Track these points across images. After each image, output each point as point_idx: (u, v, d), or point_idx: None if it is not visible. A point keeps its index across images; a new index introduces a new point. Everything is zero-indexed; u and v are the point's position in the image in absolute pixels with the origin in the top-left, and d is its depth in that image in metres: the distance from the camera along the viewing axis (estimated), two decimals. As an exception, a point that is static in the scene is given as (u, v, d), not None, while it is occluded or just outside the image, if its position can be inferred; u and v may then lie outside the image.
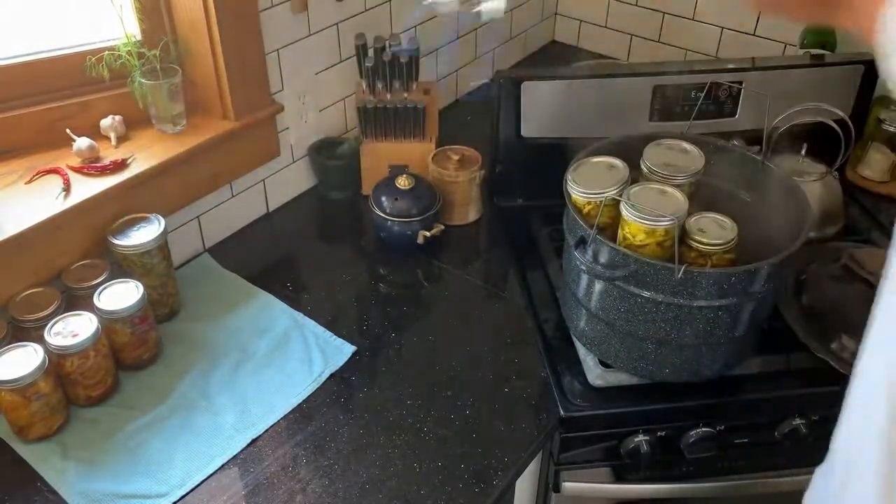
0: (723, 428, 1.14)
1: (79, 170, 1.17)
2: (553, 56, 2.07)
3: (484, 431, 1.08)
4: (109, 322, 1.10)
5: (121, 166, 1.19)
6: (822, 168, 1.28)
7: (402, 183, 1.38)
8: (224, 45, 1.24)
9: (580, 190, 1.08)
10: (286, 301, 1.28)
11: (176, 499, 0.99)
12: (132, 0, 1.21)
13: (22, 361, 1.01)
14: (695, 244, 1.02)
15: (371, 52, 1.40)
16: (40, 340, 1.04)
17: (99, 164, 1.18)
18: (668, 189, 1.06)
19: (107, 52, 1.18)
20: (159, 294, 1.21)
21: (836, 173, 1.33)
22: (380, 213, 1.37)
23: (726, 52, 1.83)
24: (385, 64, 1.40)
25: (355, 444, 1.06)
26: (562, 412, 1.10)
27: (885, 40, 0.57)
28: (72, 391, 1.08)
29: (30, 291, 1.11)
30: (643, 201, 1.02)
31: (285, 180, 1.50)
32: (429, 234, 1.38)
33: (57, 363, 1.04)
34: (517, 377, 1.16)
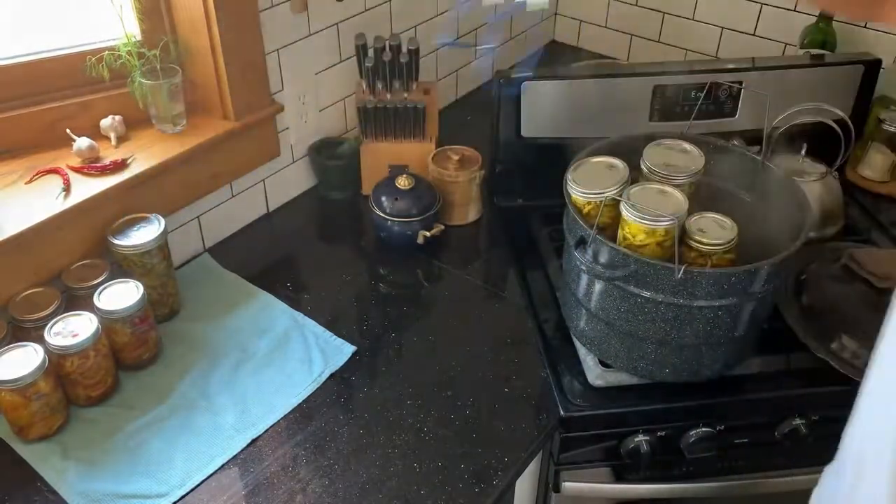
0: (723, 428, 1.14)
1: (79, 170, 1.17)
2: (553, 56, 2.07)
3: (484, 431, 1.08)
4: (109, 322, 1.10)
5: (121, 166, 1.19)
6: (822, 168, 1.28)
7: (402, 183, 1.38)
8: (224, 45, 1.24)
9: (580, 190, 1.08)
10: (286, 301, 1.28)
11: (176, 499, 0.99)
12: (132, 0, 1.21)
13: (22, 361, 1.01)
14: (695, 244, 1.02)
15: (371, 52, 1.40)
16: (40, 340, 1.04)
17: (99, 164, 1.18)
18: (668, 189, 1.06)
19: (107, 52, 1.18)
20: (159, 294, 1.21)
21: (836, 173, 1.33)
22: (380, 213, 1.37)
23: (726, 52, 1.83)
24: (385, 64, 1.40)
25: (355, 444, 1.06)
26: (562, 412, 1.10)
27: None
28: (72, 391, 1.08)
29: (30, 291, 1.11)
30: (643, 201, 1.02)
31: (285, 180, 1.50)
32: (429, 234, 1.38)
33: (57, 363, 1.05)
34: (517, 377, 1.16)
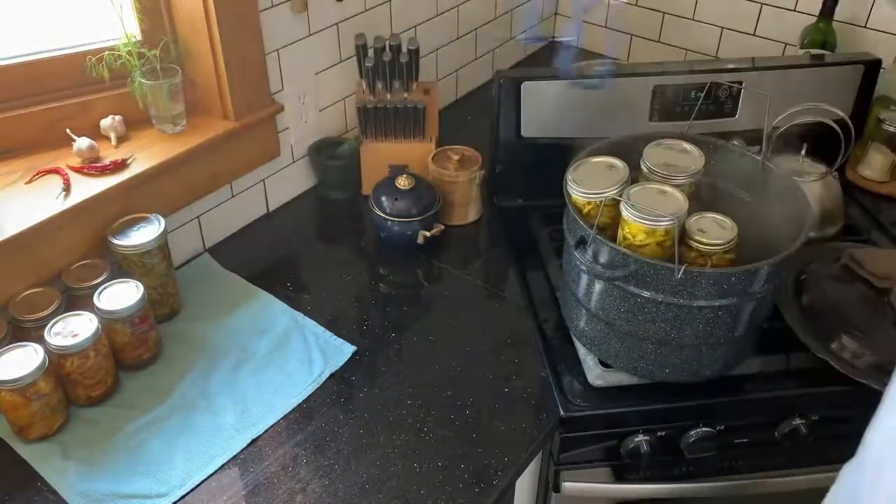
0: (723, 428, 1.14)
1: (79, 170, 1.17)
2: (553, 56, 2.07)
3: (484, 431, 1.08)
4: (109, 322, 1.10)
5: (121, 166, 1.19)
6: (822, 168, 1.28)
7: (402, 183, 1.38)
8: (224, 45, 1.24)
9: (580, 190, 1.08)
10: (286, 301, 1.28)
11: (176, 499, 0.99)
12: (132, 0, 1.21)
13: (22, 361, 1.01)
14: (695, 244, 1.02)
15: (371, 52, 1.40)
16: (40, 340, 1.04)
17: (99, 164, 1.18)
18: (668, 189, 1.06)
19: (107, 52, 1.18)
20: (159, 294, 1.21)
21: (836, 173, 1.33)
22: (380, 213, 1.37)
23: (726, 52, 1.83)
24: (385, 64, 1.40)
25: (355, 444, 1.06)
26: (562, 412, 1.10)
27: None
28: (72, 391, 1.08)
29: (30, 291, 1.11)
30: (643, 201, 1.02)
31: (285, 180, 1.50)
32: (429, 234, 1.38)
33: (57, 363, 1.05)
34: (517, 377, 1.16)
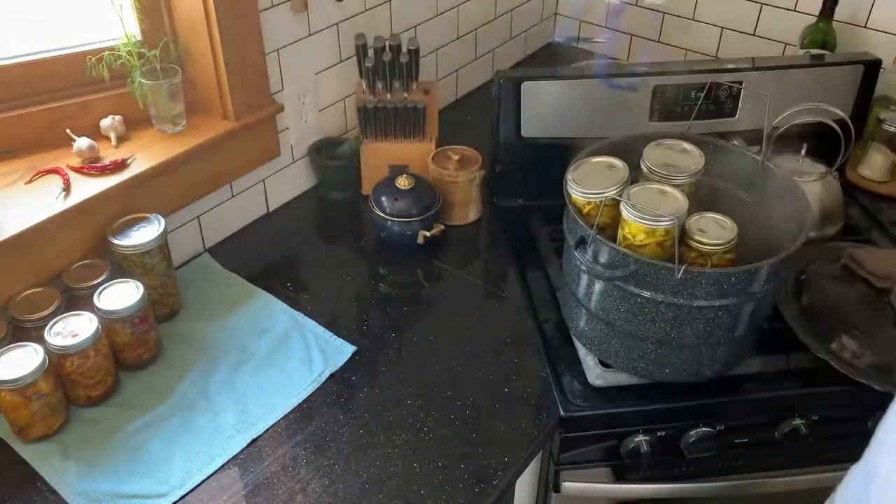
0: (723, 428, 1.14)
1: (79, 170, 1.17)
2: (553, 56, 2.07)
3: (484, 431, 1.08)
4: (109, 322, 1.10)
5: (121, 166, 1.19)
6: (822, 168, 1.28)
7: (402, 183, 1.38)
8: (224, 45, 1.24)
9: (580, 190, 1.08)
10: (286, 301, 1.28)
11: (176, 499, 0.99)
12: (132, 0, 1.21)
13: (22, 361, 1.01)
14: (695, 244, 1.02)
15: (371, 52, 1.40)
16: (40, 340, 1.04)
17: (99, 164, 1.18)
18: (668, 189, 1.06)
19: (107, 52, 1.18)
20: (159, 294, 1.21)
21: (836, 173, 1.33)
22: (380, 213, 1.37)
23: (726, 52, 1.83)
24: (385, 64, 1.40)
25: (355, 444, 1.06)
26: (562, 412, 1.10)
27: None
28: (72, 391, 1.08)
29: (30, 291, 1.11)
30: (643, 201, 1.02)
31: (285, 180, 1.50)
32: (429, 234, 1.38)
33: (57, 363, 1.04)
34: (517, 377, 1.16)
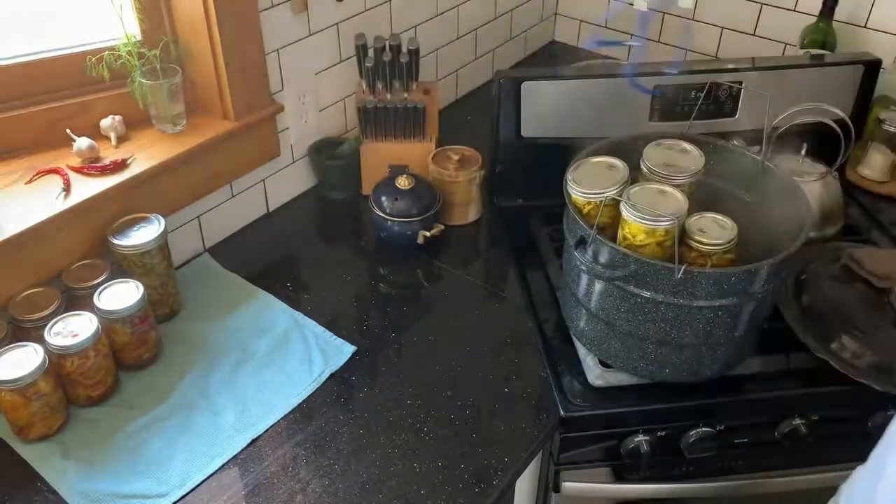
0: (723, 428, 1.14)
1: (79, 170, 1.17)
2: (553, 56, 2.07)
3: (484, 431, 1.08)
4: (109, 322, 1.10)
5: (121, 166, 1.19)
6: (822, 168, 1.28)
7: (402, 183, 1.38)
8: (224, 45, 1.24)
9: (580, 190, 1.08)
10: (286, 301, 1.28)
11: (176, 499, 0.99)
12: (132, 0, 1.21)
13: (22, 361, 1.01)
14: (695, 244, 1.02)
15: (371, 52, 1.40)
16: (40, 340, 1.04)
17: (99, 164, 1.18)
18: (668, 189, 1.06)
19: (107, 52, 1.18)
20: (159, 294, 1.21)
21: (836, 173, 1.33)
22: (380, 213, 1.37)
23: (726, 52, 1.83)
24: (385, 64, 1.40)
25: (355, 444, 1.06)
26: (562, 412, 1.10)
27: None
28: (72, 391, 1.08)
29: (30, 291, 1.11)
30: (643, 201, 1.02)
31: (285, 180, 1.50)
32: (429, 234, 1.38)
33: (57, 363, 1.04)
34: (517, 377, 1.16)
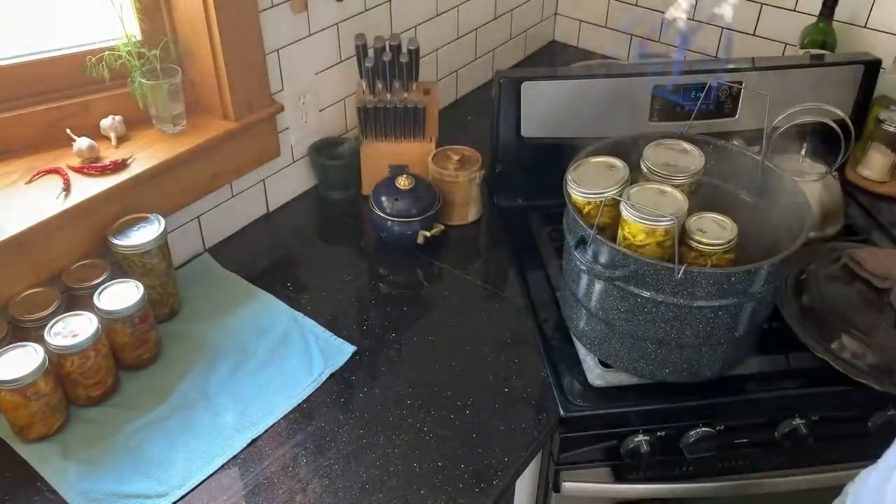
0: (723, 428, 1.14)
1: (79, 170, 1.17)
2: (553, 56, 2.07)
3: (484, 431, 1.08)
4: (109, 322, 1.10)
5: (121, 166, 1.19)
6: (822, 168, 1.28)
7: (402, 183, 1.38)
8: (224, 45, 1.24)
9: (580, 190, 1.08)
10: (286, 301, 1.28)
11: (176, 499, 0.99)
12: (132, 0, 1.21)
13: (22, 361, 1.01)
14: (695, 244, 1.02)
15: (371, 52, 1.40)
16: (40, 340, 1.04)
17: (99, 164, 1.18)
18: (668, 189, 1.06)
19: (107, 52, 1.18)
20: (159, 294, 1.21)
21: (836, 173, 1.33)
22: (380, 213, 1.37)
23: (726, 52, 1.83)
24: (385, 64, 1.40)
25: (355, 444, 1.06)
26: (562, 412, 1.10)
27: None
28: (72, 391, 1.08)
29: (30, 291, 1.11)
30: (643, 201, 1.02)
31: (285, 180, 1.50)
32: (429, 234, 1.38)
33: (57, 363, 1.04)
34: (517, 377, 1.16)
